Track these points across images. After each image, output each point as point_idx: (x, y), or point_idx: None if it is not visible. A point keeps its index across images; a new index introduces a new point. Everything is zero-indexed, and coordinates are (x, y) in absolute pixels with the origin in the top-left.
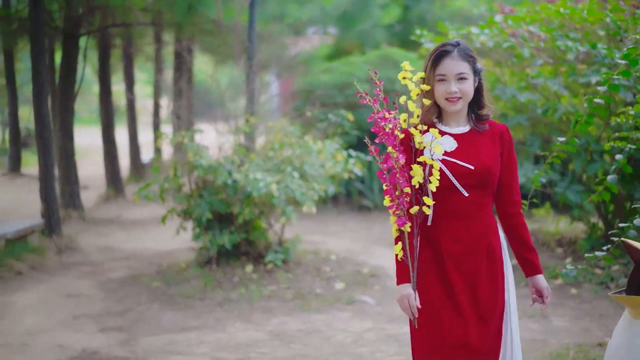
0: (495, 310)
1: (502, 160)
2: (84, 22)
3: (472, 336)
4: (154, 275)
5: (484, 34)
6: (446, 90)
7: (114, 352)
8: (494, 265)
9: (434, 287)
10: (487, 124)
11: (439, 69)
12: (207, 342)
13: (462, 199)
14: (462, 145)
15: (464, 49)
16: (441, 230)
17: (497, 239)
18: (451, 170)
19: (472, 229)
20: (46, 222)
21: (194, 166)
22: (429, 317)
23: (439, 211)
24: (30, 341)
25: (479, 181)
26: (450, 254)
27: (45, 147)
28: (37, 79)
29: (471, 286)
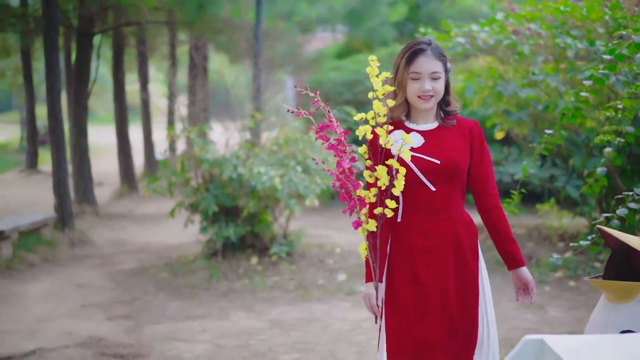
0: (466, 305)
1: (472, 154)
2: (97, 21)
3: (437, 334)
4: (162, 267)
5: (484, 31)
6: (420, 89)
7: (119, 339)
8: (464, 259)
9: (404, 283)
10: (454, 120)
11: (414, 67)
12: (209, 330)
13: (430, 194)
14: (429, 140)
15: (436, 47)
16: (410, 226)
17: (468, 233)
18: (417, 165)
19: (440, 223)
20: (59, 216)
21: (200, 160)
22: (397, 315)
23: (408, 206)
24: (39, 328)
25: (446, 176)
26: (419, 249)
27: (58, 142)
28: (50, 76)
29: (440, 281)
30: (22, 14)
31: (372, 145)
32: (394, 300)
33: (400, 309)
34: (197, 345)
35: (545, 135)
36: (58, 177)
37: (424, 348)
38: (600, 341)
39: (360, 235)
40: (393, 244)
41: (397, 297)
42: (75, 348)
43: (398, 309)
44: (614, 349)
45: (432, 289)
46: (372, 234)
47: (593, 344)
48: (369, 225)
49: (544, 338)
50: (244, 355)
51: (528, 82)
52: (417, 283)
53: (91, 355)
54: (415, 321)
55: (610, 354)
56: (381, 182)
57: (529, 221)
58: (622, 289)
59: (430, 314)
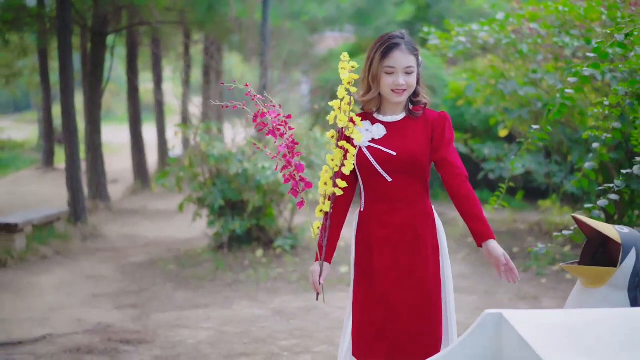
0: (426, 293)
1: (432, 142)
2: (111, 21)
3: (392, 323)
4: (170, 259)
5: (484, 30)
6: (394, 83)
7: (127, 326)
8: (423, 249)
9: (364, 270)
10: (421, 111)
11: (388, 61)
12: (213, 318)
13: (386, 184)
14: (390, 132)
15: (410, 42)
16: (370, 215)
17: (427, 223)
18: (374, 156)
19: (397, 213)
20: (72, 210)
21: (207, 156)
22: (358, 300)
23: (369, 196)
24: (50, 316)
25: (402, 167)
26: (376, 237)
27: (72, 139)
28: (64, 75)
29: (394, 269)
30: (39, 14)
31: (338, 131)
32: (356, 284)
33: (361, 293)
34: (200, 332)
35: (532, 131)
36: (71, 173)
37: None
38: (554, 315)
39: (316, 215)
40: (357, 231)
41: (358, 282)
42: (84, 334)
43: (360, 294)
44: (567, 323)
45: (386, 276)
46: (325, 214)
47: (547, 318)
48: (325, 205)
49: (503, 312)
50: (245, 341)
51: (529, 81)
52: (373, 270)
53: (99, 341)
54: (372, 307)
55: (563, 327)
56: (333, 163)
57: (532, 217)
58: (595, 274)
59: (384, 301)
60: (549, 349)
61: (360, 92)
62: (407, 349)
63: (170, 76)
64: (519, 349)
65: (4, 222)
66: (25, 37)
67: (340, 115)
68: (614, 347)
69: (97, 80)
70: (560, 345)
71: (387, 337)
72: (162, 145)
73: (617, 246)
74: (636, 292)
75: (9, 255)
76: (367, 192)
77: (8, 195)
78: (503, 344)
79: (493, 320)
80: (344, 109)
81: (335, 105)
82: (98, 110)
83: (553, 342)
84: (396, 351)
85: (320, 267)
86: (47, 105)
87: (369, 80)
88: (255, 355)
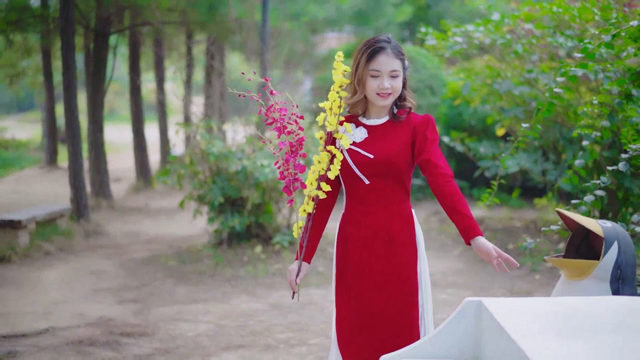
0: (397, 295)
1: (415, 145)
2: (114, 21)
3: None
4: (171, 256)
5: (480, 31)
6: (379, 86)
7: (128, 319)
8: (398, 252)
9: (341, 272)
10: (404, 115)
11: (374, 65)
12: (212, 312)
13: (364, 187)
14: (372, 135)
15: (395, 46)
16: (349, 216)
17: (404, 225)
18: (353, 159)
19: (373, 215)
20: (75, 208)
21: (206, 154)
22: (336, 300)
23: (349, 198)
24: (53, 310)
25: (379, 170)
26: (354, 239)
27: (75, 136)
28: (67, 74)
29: (368, 271)
30: (42, 15)
31: (327, 134)
32: (336, 282)
33: (340, 292)
34: (199, 325)
35: (522, 129)
36: (74, 171)
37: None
38: (530, 303)
39: (300, 215)
40: (338, 232)
41: (337, 281)
42: (86, 327)
43: (339, 292)
44: (543, 309)
45: (361, 276)
46: (308, 215)
47: (524, 305)
48: (308, 206)
49: (482, 300)
50: (242, 334)
51: (524, 80)
52: (350, 269)
53: (100, 334)
54: (349, 306)
55: (539, 313)
56: (320, 166)
57: (528, 215)
58: (578, 267)
59: (360, 300)
60: (523, 333)
61: (347, 95)
62: (384, 348)
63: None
64: (496, 333)
65: (8, 218)
66: (29, 37)
67: (330, 118)
68: (588, 332)
69: (100, 79)
70: (534, 329)
71: (365, 336)
72: (164, 145)
73: (600, 240)
74: (618, 284)
75: (12, 251)
76: (348, 194)
77: (12, 193)
78: (482, 329)
79: (473, 307)
80: (334, 111)
81: (326, 107)
82: (100, 109)
83: (528, 327)
84: (373, 350)
85: (299, 267)
86: (51, 105)
87: (354, 83)
88: (252, 347)
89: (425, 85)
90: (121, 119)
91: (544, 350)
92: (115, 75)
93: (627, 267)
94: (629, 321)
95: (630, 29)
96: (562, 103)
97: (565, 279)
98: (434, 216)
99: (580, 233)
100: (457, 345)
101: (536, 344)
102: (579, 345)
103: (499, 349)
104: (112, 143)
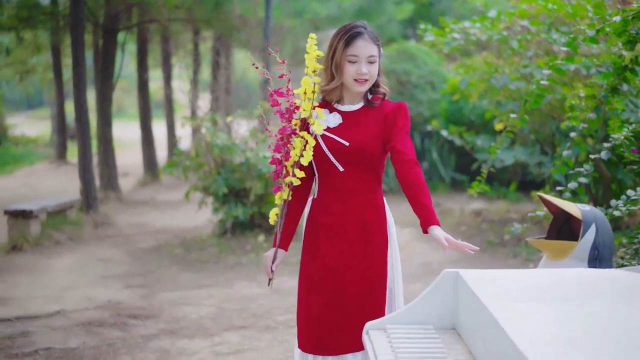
0: (372, 282)
1: (385, 132)
2: (122, 19)
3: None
4: (176, 245)
5: (476, 27)
6: (357, 72)
7: (134, 303)
8: (370, 240)
9: (311, 257)
10: (379, 101)
11: (352, 50)
12: (215, 296)
13: (338, 174)
14: (345, 122)
15: (372, 31)
16: (321, 203)
17: (376, 214)
18: (328, 145)
19: (347, 203)
20: (84, 199)
21: (211, 146)
22: (300, 289)
23: (322, 185)
24: (64, 294)
25: (353, 157)
26: (325, 226)
27: (84, 130)
28: (77, 69)
29: (339, 258)
30: (52, 12)
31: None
32: (302, 271)
33: (305, 281)
34: (202, 309)
35: (511, 120)
36: (84, 163)
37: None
38: (504, 274)
39: (276, 202)
40: (307, 219)
41: (304, 270)
42: (95, 310)
43: (304, 281)
44: (515, 279)
45: (331, 264)
46: (284, 201)
47: (498, 276)
48: (284, 193)
49: (459, 271)
50: (243, 316)
51: (521, 75)
52: (319, 257)
53: (109, 316)
54: (314, 295)
55: (511, 283)
56: (294, 152)
57: (526, 208)
58: (558, 248)
59: (326, 289)
60: (494, 300)
61: (322, 81)
62: (348, 338)
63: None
64: (470, 301)
65: (20, 208)
66: (39, 34)
67: (304, 104)
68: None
69: (109, 76)
70: (505, 297)
71: (330, 323)
72: (171, 141)
73: (579, 222)
74: (595, 263)
75: (24, 240)
76: (321, 180)
77: (23, 186)
78: (459, 299)
79: (451, 277)
80: (308, 96)
81: (300, 92)
82: (109, 105)
83: (499, 295)
84: (336, 340)
85: (275, 254)
86: (60, 101)
87: (332, 69)
88: (252, 328)
89: (426, 81)
90: (129, 117)
91: (512, 314)
92: (123, 72)
93: (604, 248)
94: (597, 290)
95: (614, 24)
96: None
97: (546, 260)
98: (435, 207)
99: (562, 217)
100: (436, 313)
101: (505, 310)
102: (545, 311)
103: (473, 314)
104: (121, 140)
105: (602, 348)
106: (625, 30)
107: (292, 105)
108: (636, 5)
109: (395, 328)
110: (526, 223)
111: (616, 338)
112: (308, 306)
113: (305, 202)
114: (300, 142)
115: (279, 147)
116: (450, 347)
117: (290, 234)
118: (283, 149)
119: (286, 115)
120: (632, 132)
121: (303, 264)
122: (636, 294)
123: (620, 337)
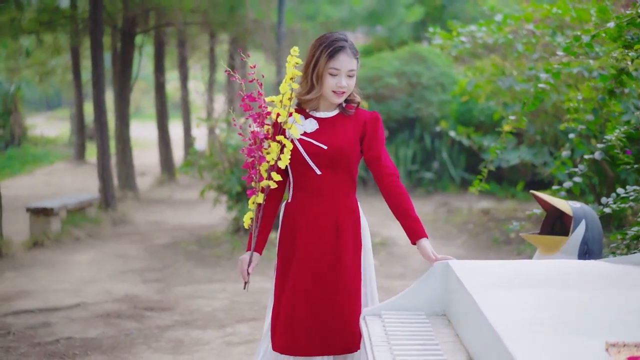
0: (346, 284)
1: (363, 142)
2: (140, 22)
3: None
4: (191, 241)
5: (482, 31)
6: (337, 84)
7: (151, 296)
8: (344, 243)
9: (283, 262)
10: (353, 110)
11: (334, 63)
12: (227, 290)
13: (315, 177)
14: (322, 127)
15: (352, 45)
16: (297, 205)
17: (350, 218)
18: (306, 149)
19: (322, 206)
20: (103, 197)
21: (225, 146)
22: (275, 292)
23: (297, 187)
24: (83, 287)
25: (331, 161)
26: (300, 228)
27: (102, 130)
28: (96, 71)
29: (314, 260)
30: (72, 16)
31: (275, 125)
32: (277, 273)
33: (281, 283)
34: (215, 301)
35: (509, 120)
36: (102, 162)
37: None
38: (492, 264)
39: (249, 207)
40: (282, 222)
41: (279, 272)
42: (113, 303)
43: (279, 284)
44: (502, 270)
45: (305, 267)
46: (258, 205)
47: (486, 266)
48: (258, 197)
49: (449, 262)
50: (255, 309)
51: (526, 78)
52: (294, 259)
53: (126, 308)
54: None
55: (497, 273)
56: (270, 156)
57: (533, 207)
58: (550, 242)
59: (301, 292)
60: (479, 288)
61: (301, 89)
62: (323, 343)
63: (196, 75)
64: (458, 289)
65: (41, 206)
66: (59, 36)
67: (281, 110)
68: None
69: (126, 77)
70: (489, 285)
71: (303, 329)
72: (187, 141)
73: (570, 218)
74: (585, 257)
75: (45, 236)
76: (296, 184)
77: (44, 185)
78: (448, 288)
79: (441, 267)
80: (284, 104)
81: (277, 100)
82: (127, 106)
83: (484, 283)
84: (311, 344)
85: (250, 257)
86: (79, 102)
87: (312, 79)
88: (263, 320)
89: (437, 83)
90: (147, 117)
91: (494, 300)
92: (141, 74)
93: (594, 242)
94: (576, 279)
95: (609, 30)
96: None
97: (539, 254)
98: (442, 207)
99: (555, 213)
100: (428, 301)
101: (488, 297)
102: (526, 297)
103: (460, 302)
104: (138, 140)
105: (573, 330)
106: (621, 36)
107: (264, 109)
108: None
109: (389, 314)
110: (524, 221)
111: (587, 321)
112: (284, 308)
113: (278, 206)
114: (276, 146)
115: (252, 150)
116: (438, 330)
117: (264, 238)
118: (256, 153)
119: (259, 119)
120: (625, 133)
121: (279, 267)
122: (611, 282)
123: (590, 321)
